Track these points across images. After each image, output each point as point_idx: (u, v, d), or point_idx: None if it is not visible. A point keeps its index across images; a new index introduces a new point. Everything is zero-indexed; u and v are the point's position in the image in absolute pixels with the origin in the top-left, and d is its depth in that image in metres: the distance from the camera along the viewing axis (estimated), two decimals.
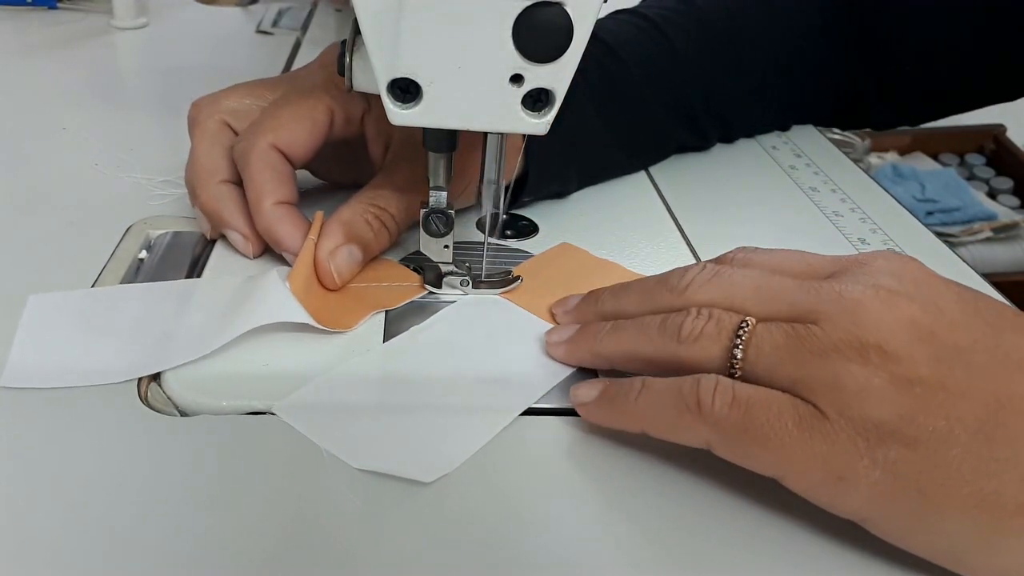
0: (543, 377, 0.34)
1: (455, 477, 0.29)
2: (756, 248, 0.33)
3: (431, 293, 0.38)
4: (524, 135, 0.40)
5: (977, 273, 0.44)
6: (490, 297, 0.38)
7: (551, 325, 0.36)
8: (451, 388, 0.33)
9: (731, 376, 0.28)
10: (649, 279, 0.34)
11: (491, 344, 0.35)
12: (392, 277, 0.39)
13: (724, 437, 0.27)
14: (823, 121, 0.61)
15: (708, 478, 0.29)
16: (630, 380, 0.29)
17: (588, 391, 0.31)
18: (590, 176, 0.49)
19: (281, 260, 0.39)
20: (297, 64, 0.65)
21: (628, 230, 0.45)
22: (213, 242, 0.41)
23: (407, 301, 0.38)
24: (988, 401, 0.24)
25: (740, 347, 0.28)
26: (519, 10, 0.30)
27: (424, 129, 0.34)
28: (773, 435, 0.26)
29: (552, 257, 0.42)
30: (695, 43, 0.51)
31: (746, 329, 0.28)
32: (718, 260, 0.33)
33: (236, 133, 0.40)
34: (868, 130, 0.92)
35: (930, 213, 0.92)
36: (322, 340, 0.35)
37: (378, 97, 0.32)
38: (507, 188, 0.41)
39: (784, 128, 0.59)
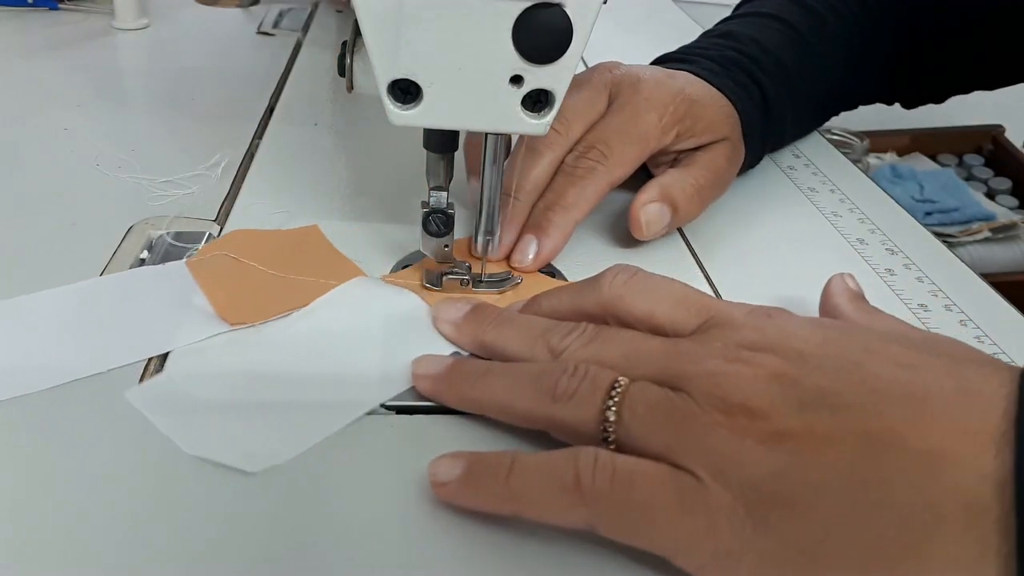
0: (407, 373, 0.33)
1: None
2: (634, 275, 0.33)
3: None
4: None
5: (976, 273, 0.44)
6: (384, 283, 0.38)
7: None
8: (309, 379, 0.33)
9: (604, 439, 0.27)
10: (536, 322, 0.33)
11: (366, 334, 0.35)
12: (329, 272, 0.39)
13: (607, 517, 0.26)
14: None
15: None
16: (497, 456, 0.27)
17: (448, 468, 0.28)
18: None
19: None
20: (298, 65, 0.65)
21: (625, 229, 0.45)
22: None
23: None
24: (857, 441, 0.24)
25: (613, 408, 0.27)
26: (519, 11, 0.30)
27: (424, 130, 0.35)
28: (657, 511, 0.25)
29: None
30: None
31: (618, 390, 0.28)
32: (596, 279, 0.33)
33: None
34: (866, 130, 0.92)
35: (928, 213, 0.92)
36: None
37: None
38: None
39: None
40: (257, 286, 0.37)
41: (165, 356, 0.33)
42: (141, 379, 0.32)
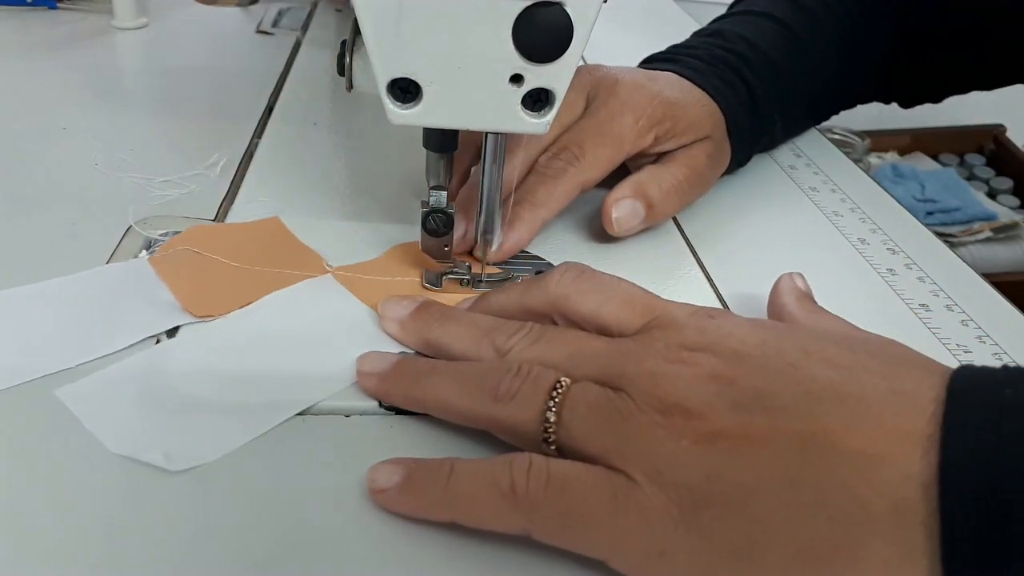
0: (342, 375, 0.33)
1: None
2: (581, 273, 0.33)
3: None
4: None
5: (977, 273, 0.44)
6: (330, 283, 0.38)
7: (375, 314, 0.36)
8: (248, 378, 0.32)
9: (545, 440, 0.27)
10: (482, 321, 0.33)
11: (306, 334, 0.35)
12: (292, 262, 0.39)
13: (542, 522, 0.26)
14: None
15: None
16: (436, 463, 0.27)
17: (388, 475, 0.27)
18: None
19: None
20: (297, 64, 0.65)
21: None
22: None
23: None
24: (792, 443, 0.24)
25: (554, 409, 0.27)
26: (519, 10, 0.30)
27: (424, 129, 0.35)
28: (590, 515, 0.25)
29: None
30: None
31: (560, 390, 0.28)
32: (543, 277, 0.33)
33: None
34: (868, 130, 0.92)
35: (930, 213, 0.92)
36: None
37: None
38: None
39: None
40: (221, 279, 0.37)
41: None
42: None
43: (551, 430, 0.27)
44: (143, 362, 0.33)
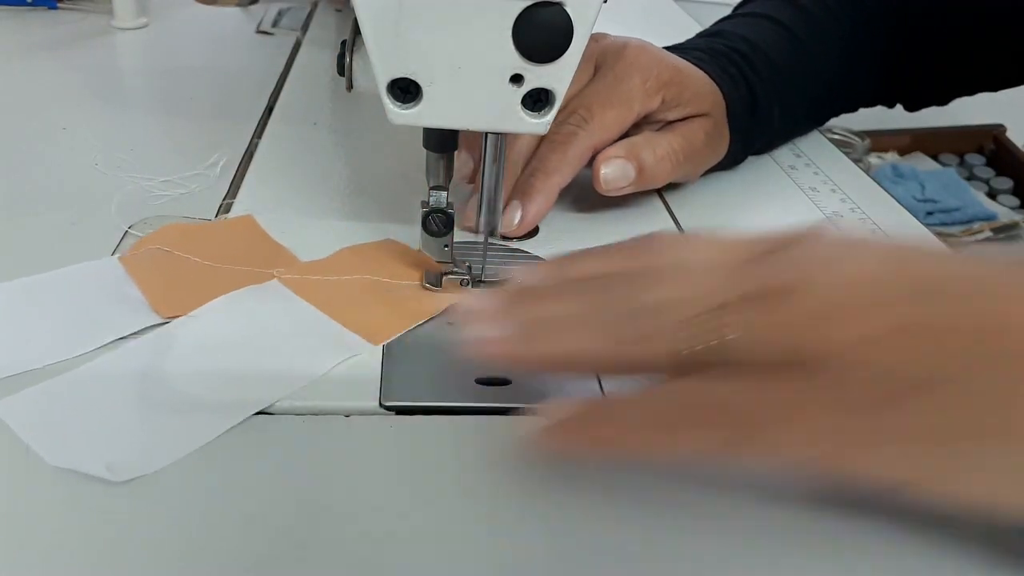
0: (290, 378, 0.32)
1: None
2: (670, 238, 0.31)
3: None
4: None
5: None
6: (274, 286, 0.38)
7: (325, 317, 0.35)
8: (189, 384, 0.32)
9: (719, 361, 0.26)
10: (589, 285, 0.30)
11: (254, 338, 0.34)
12: (264, 260, 0.38)
13: (748, 430, 0.25)
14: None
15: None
16: (614, 396, 0.27)
17: (560, 410, 0.27)
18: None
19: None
20: (297, 64, 0.65)
21: (626, 228, 0.45)
22: None
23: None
24: (972, 330, 0.24)
25: (724, 329, 0.25)
26: (519, 10, 0.30)
27: (424, 129, 0.35)
28: (798, 415, 0.25)
29: (368, 250, 0.41)
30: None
31: (728, 311, 0.25)
32: (641, 240, 0.31)
33: None
34: (868, 130, 0.91)
35: (930, 213, 0.92)
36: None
37: None
38: None
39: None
40: (192, 278, 0.37)
41: None
42: None
43: (724, 350, 0.25)
44: (84, 374, 0.32)
